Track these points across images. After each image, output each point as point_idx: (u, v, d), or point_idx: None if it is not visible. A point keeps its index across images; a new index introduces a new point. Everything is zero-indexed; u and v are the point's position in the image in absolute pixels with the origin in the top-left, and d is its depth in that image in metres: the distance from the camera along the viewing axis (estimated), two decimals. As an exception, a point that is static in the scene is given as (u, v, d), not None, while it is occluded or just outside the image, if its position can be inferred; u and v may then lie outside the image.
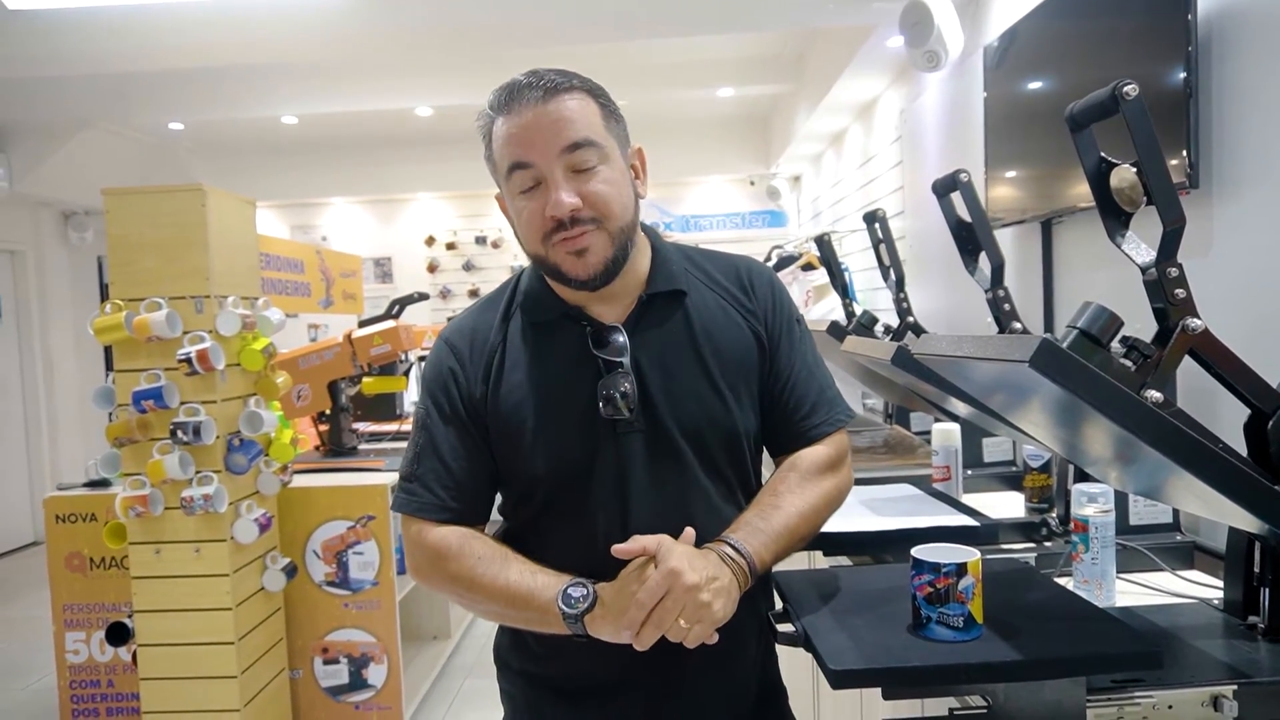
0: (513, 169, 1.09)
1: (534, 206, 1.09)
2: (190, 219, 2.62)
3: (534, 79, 1.08)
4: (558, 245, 1.09)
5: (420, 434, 1.18)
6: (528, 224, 1.11)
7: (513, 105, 1.08)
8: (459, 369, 1.17)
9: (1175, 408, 0.91)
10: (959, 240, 1.51)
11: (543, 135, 1.07)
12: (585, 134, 1.08)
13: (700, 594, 0.99)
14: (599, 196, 1.08)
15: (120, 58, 4.01)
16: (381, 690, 3.07)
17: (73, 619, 3.03)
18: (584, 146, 1.08)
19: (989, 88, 2.57)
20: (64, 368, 6.64)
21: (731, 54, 5.40)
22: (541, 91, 1.07)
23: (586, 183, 1.08)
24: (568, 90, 1.08)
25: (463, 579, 1.12)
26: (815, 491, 1.17)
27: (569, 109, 1.07)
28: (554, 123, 1.07)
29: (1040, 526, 1.65)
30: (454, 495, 1.15)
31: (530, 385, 1.14)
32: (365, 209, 7.81)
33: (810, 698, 2.19)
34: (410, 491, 1.16)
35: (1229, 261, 1.61)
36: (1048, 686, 0.98)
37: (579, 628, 1.05)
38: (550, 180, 1.07)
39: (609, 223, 1.09)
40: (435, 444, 1.16)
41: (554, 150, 1.07)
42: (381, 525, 3.01)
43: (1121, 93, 0.93)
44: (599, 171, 1.09)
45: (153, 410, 2.57)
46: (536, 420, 1.13)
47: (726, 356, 1.17)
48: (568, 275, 1.11)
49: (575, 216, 1.07)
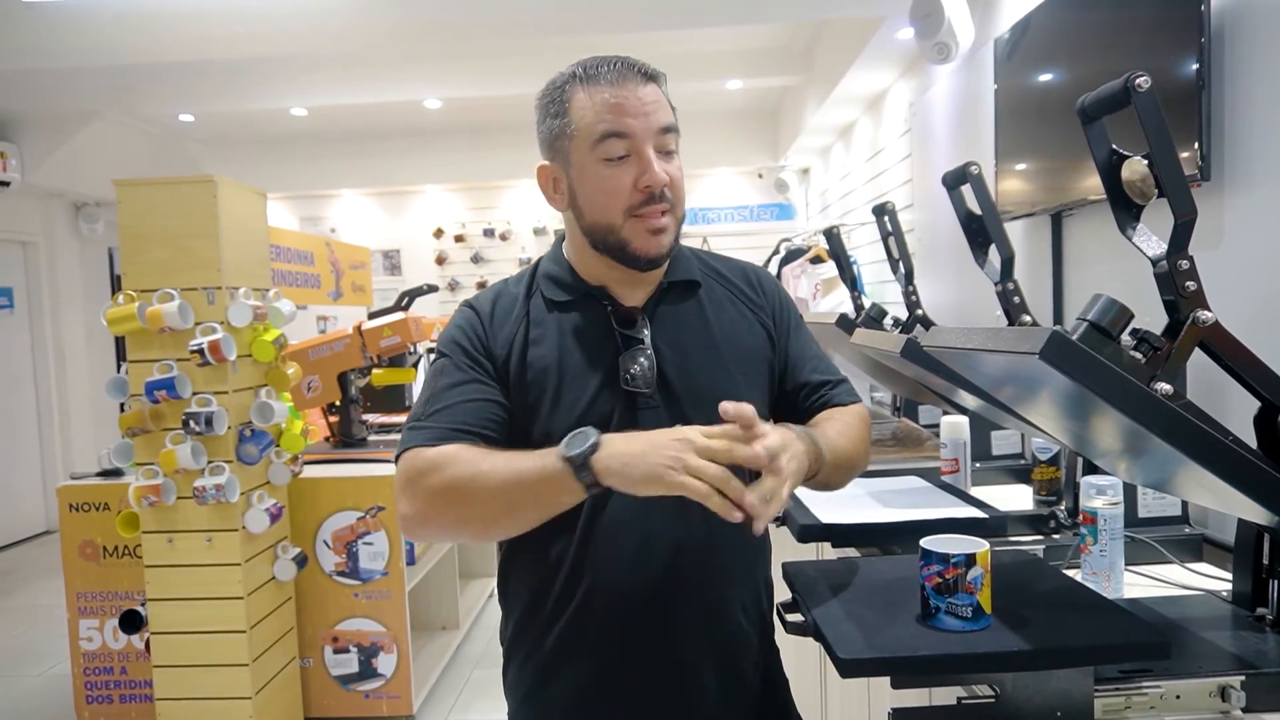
0: (608, 135, 1.11)
1: (621, 176, 1.12)
2: (201, 210, 2.63)
3: (626, 59, 1.14)
4: (638, 219, 1.12)
5: (432, 380, 1.16)
6: (611, 193, 1.12)
7: (609, 78, 1.12)
8: (481, 327, 1.19)
9: (1185, 400, 0.91)
10: (969, 233, 1.50)
11: (645, 111, 1.11)
12: (673, 120, 1.15)
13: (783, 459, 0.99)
14: (678, 182, 1.15)
15: (130, 49, 4.03)
16: (391, 679, 3.09)
17: (86, 607, 3.06)
18: (672, 132, 1.14)
19: (999, 80, 2.56)
20: (75, 358, 6.68)
21: (740, 46, 5.38)
22: (638, 72, 1.13)
23: (669, 165, 1.14)
24: (655, 79, 1.15)
25: (461, 475, 1.05)
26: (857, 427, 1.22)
27: (660, 96, 1.14)
28: (653, 103, 1.12)
29: (1049, 519, 1.65)
30: (460, 426, 1.11)
31: (553, 356, 1.16)
32: (374, 201, 7.82)
33: (818, 687, 2.20)
34: (415, 429, 1.12)
35: (1240, 254, 1.61)
36: (1055, 676, 0.98)
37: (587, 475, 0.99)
38: (643, 154, 1.11)
39: (678, 208, 1.16)
40: (448, 388, 1.14)
41: (653, 128, 1.12)
42: (391, 516, 3.03)
43: (1133, 85, 0.93)
44: (675, 159, 1.15)
45: (165, 400, 2.59)
46: (556, 387, 1.15)
47: (738, 344, 1.22)
48: (637, 252, 1.14)
49: (664, 193, 1.12)
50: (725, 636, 1.18)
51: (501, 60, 5.18)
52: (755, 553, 1.22)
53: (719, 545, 1.17)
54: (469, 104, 6.13)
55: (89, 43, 3.98)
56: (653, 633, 1.15)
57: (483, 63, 5.16)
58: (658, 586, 1.14)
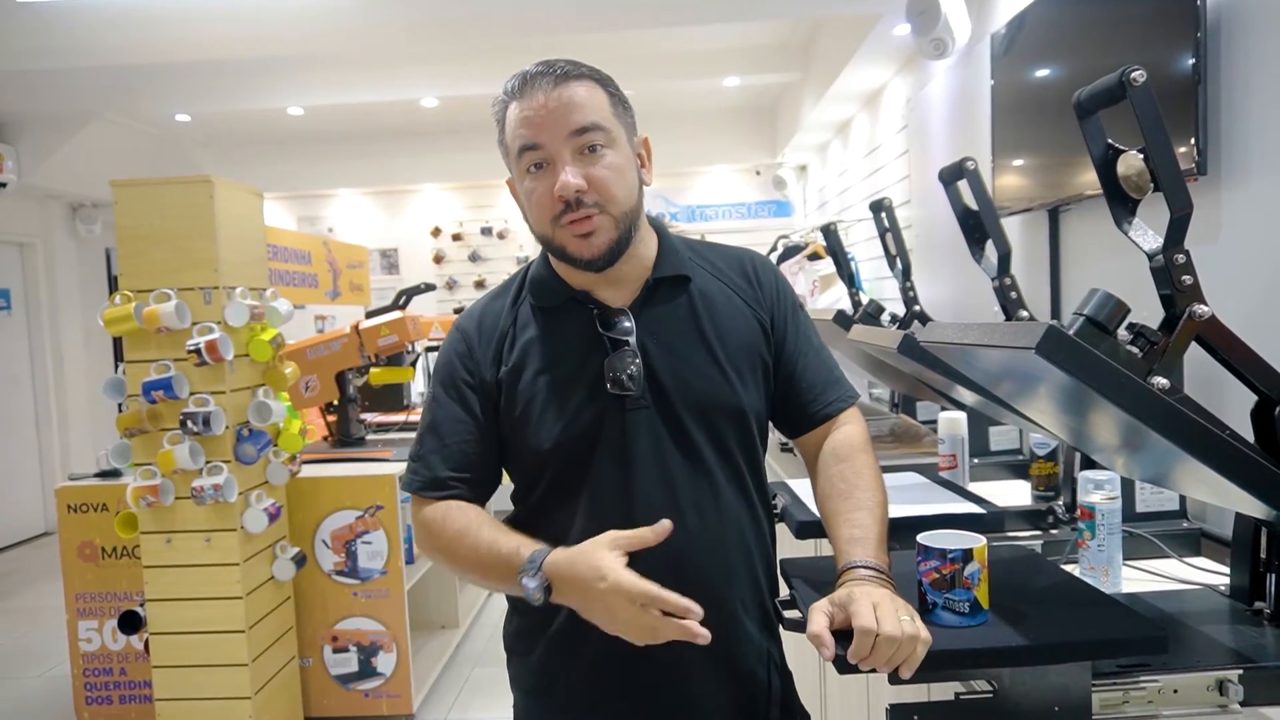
0: (523, 150, 1.13)
1: (542, 188, 1.13)
2: (198, 210, 2.63)
3: (546, 67, 1.13)
4: (565, 227, 1.13)
5: (425, 414, 1.23)
6: (537, 205, 1.15)
7: (525, 91, 1.13)
8: (468, 352, 1.22)
9: (1182, 394, 0.91)
10: (966, 229, 1.50)
11: (552, 118, 1.11)
12: (592, 118, 1.12)
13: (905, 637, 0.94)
14: (602, 180, 1.12)
15: (127, 50, 4.02)
16: (390, 678, 3.09)
17: (85, 608, 3.06)
18: (591, 130, 1.11)
19: (996, 75, 2.56)
20: (73, 359, 6.67)
21: (738, 43, 5.38)
22: (552, 78, 1.12)
23: (592, 165, 1.12)
24: (577, 78, 1.13)
25: (444, 550, 1.17)
26: (871, 472, 1.18)
27: (578, 95, 1.12)
28: (563, 107, 1.11)
29: (1047, 514, 1.66)
30: (453, 471, 1.19)
31: (540, 364, 1.17)
32: (371, 200, 7.82)
33: (817, 683, 2.20)
34: (413, 470, 1.22)
35: (1237, 248, 1.61)
36: (1053, 671, 0.98)
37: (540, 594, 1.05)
38: (557, 161, 1.11)
39: (612, 206, 1.13)
40: (437, 423, 1.21)
41: (562, 133, 1.11)
42: (390, 515, 3.03)
43: (1129, 79, 0.93)
44: (604, 156, 1.12)
45: (163, 401, 2.59)
46: (545, 397, 1.16)
47: (731, 339, 1.20)
48: (573, 256, 1.14)
49: (580, 198, 1.11)
50: (726, 632, 1.18)
51: (498, 59, 5.16)
52: (755, 549, 1.22)
53: (718, 543, 1.17)
54: (466, 102, 6.12)
55: (85, 43, 3.98)
56: None
57: (479, 61, 5.16)
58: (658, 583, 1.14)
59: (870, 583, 1.01)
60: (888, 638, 0.91)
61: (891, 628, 0.91)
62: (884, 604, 0.94)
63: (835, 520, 1.13)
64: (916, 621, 0.94)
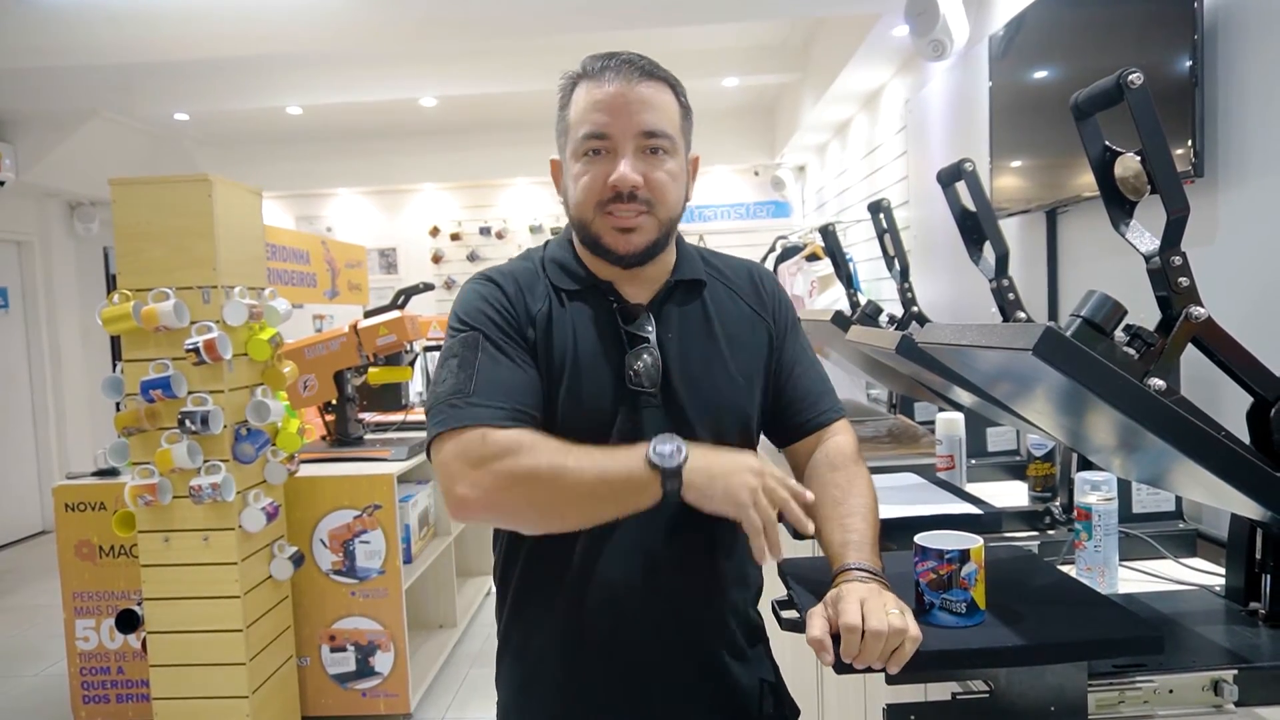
0: (589, 135, 1.12)
1: (596, 172, 1.12)
2: (197, 209, 2.63)
3: (630, 57, 1.13)
4: (607, 217, 1.13)
5: (467, 355, 1.10)
6: (585, 188, 1.13)
7: (605, 75, 1.12)
8: (508, 302, 1.15)
9: (1178, 395, 0.92)
10: (964, 230, 1.51)
11: (627, 111, 1.11)
12: (664, 125, 1.13)
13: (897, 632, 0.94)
14: (659, 184, 1.13)
15: (125, 48, 4.02)
16: (388, 678, 3.09)
17: (83, 606, 3.06)
18: (659, 136, 1.12)
19: (994, 77, 2.57)
20: (71, 357, 6.66)
21: (736, 43, 5.38)
22: (636, 70, 1.12)
23: (653, 168, 1.13)
24: (659, 79, 1.14)
25: (543, 466, 1.02)
26: (863, 480, 1.19)
27: (657, 98, 1.13)
28: (640, 103, 1.11)
29: (1044, 515, 1.66)
30: (520, 406, 1.08)
31: (567, 346, 1.15)
32: (370, 200, 7.81)
33: (814, 684, 2.20)
34: (462, 405, 1.06)
35: (1233, 250, 1.61)
36: (1050, 671, 0.99)
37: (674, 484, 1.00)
38: (620, 153, 1.11)
39: (661, 210, 1.14)
40: (491, 363, 1.10)
41: (633, 129, 1.11)
42: (388, 514, 3.03)
43: (1126, 81, 0.93)
44: (665, 161, 1.14)
45: (161, 400, 2.59)
46: (573, 376, 1.14)
47: (739, 345, 1.22)
48: (608, 248, 1.14)
49: (634, 193, 1.11)
50: (723, 626, 1.20)
51: (497, 58, 5.18)
52: (747, 553, 1.22)
53: (717, 541, 1.18)
54: (465, 102, 6.12)
55: (84, 42, 3.97)
56: (640, 635, 1.16)
57: (478, 61, 5.16)
58: (646, 589, 1.15)
59: (866, 584, 1.02)
60: (873, 632, 0.92)
61: (877, 623, 0.92)
62: (871, 599, 0.96)
63: (829, 526, 1.14)
64: (906, 616, 0.95)
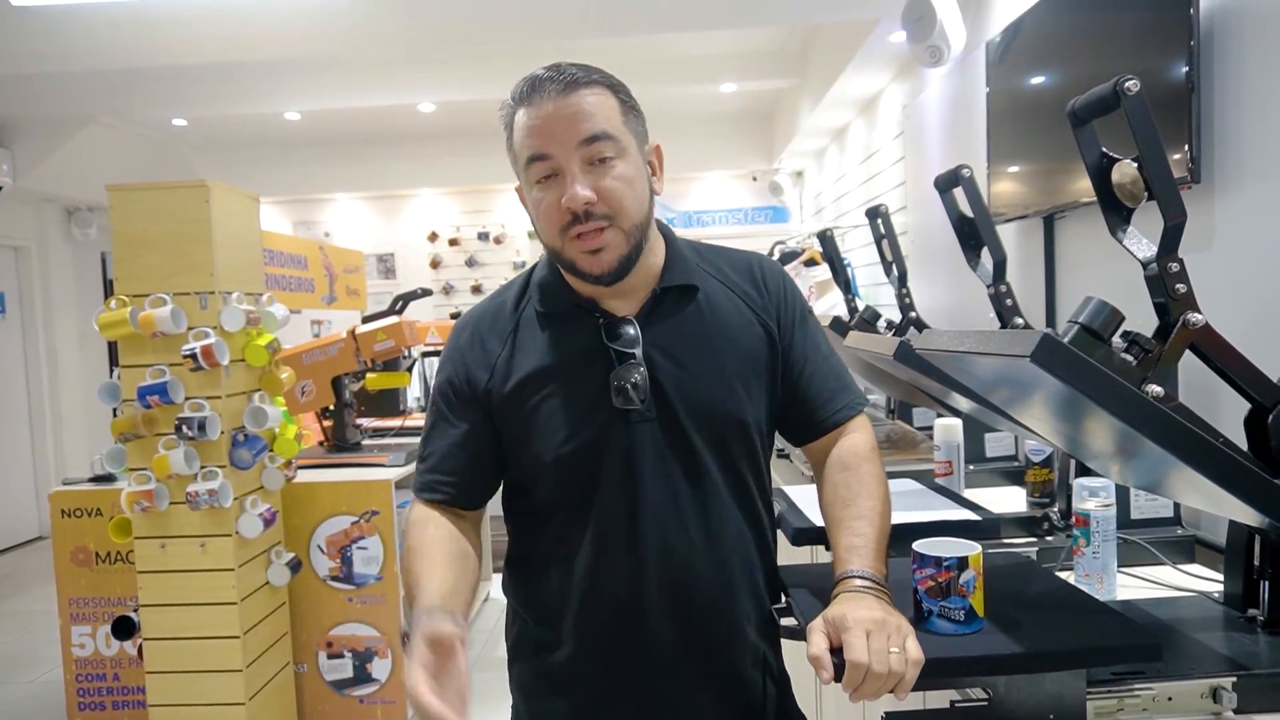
0: (531, 160, 1.10)
1: (550, 198, 1.10)
2: (194, 214, 2.62)
3: (555, 72, 1.09)
4: (573, 241, 1.10)
5: (429, 417, 1.24)
6: (545, 215, 1.11)
7: (533, 97, 1.09)
8: (461, 356, 1.21)
9: (1176, 402, 0.92)
10: (961, 236, 1.51)
11: (561, 127, 1.07)
12: (602, 127, 1.08)
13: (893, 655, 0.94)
14: (612, 192, 1.09)
15: (124, 53, 4.02)
16: (386, 684, 3.08)
17: (79, 613, 3.05)
18: (600, 139, 1.08)
19: (991, 83, 2.57)
20: (68, 363, 6.65)
21: (734, 49, 5.39)
22: (562, 84, 1.08)
23: (602, 177, 1.08)
24: (587, 84, 1.09)
25: (406, 556, 1.15)
26: (875, 480, 1.17)
27: (588, 103, 1.08)
28: (572, 115, 1.07)
29: (1042, 521, 1.66)
30: (444, 476, 1.19)
31: (542, 373, 1.15)
32: (368, 205, 7.81)
33: (813, 691, 2.20)
34: (418, 471, 1.23)
35: (1230, 256, 1.61)
36: (1048, 679, 0.98)
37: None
38: (566, 172, 1.08)
39: (622, 220, 1.10)
40: (433, 428, 1.22)
41: (571, 142, 1.07)
42: (385, 520, 3.02)
43: (1123, 88, 0.93)
44: (614, 165, 1.09)
45: (158, 406, 2.58)
46: (547, 407, 1.14)
47: (737, 349, 1.18)
48: (582, 270, 1.12)
49: (589, 211, 1.08)
50: (729, 643, 1.18)
51: (495, 64, 5.17)
52: (758, 560, 1.21)
53: (722, 556, 1.17)
54: (463, 107, 6.12)
55: (82, 47, 3.97)
56: (653, 638, 1.15)
57: (476, 66, 5.16)
58: (659, 595, 1.14)
59: (865, 594, 1.01)
60: (874, 675, 0.92)
61: (879, 666, 0.92)
62: (876, 634, 0.94)
63: (837, 528, 1.13)
64: (909, 643, 0.94)
